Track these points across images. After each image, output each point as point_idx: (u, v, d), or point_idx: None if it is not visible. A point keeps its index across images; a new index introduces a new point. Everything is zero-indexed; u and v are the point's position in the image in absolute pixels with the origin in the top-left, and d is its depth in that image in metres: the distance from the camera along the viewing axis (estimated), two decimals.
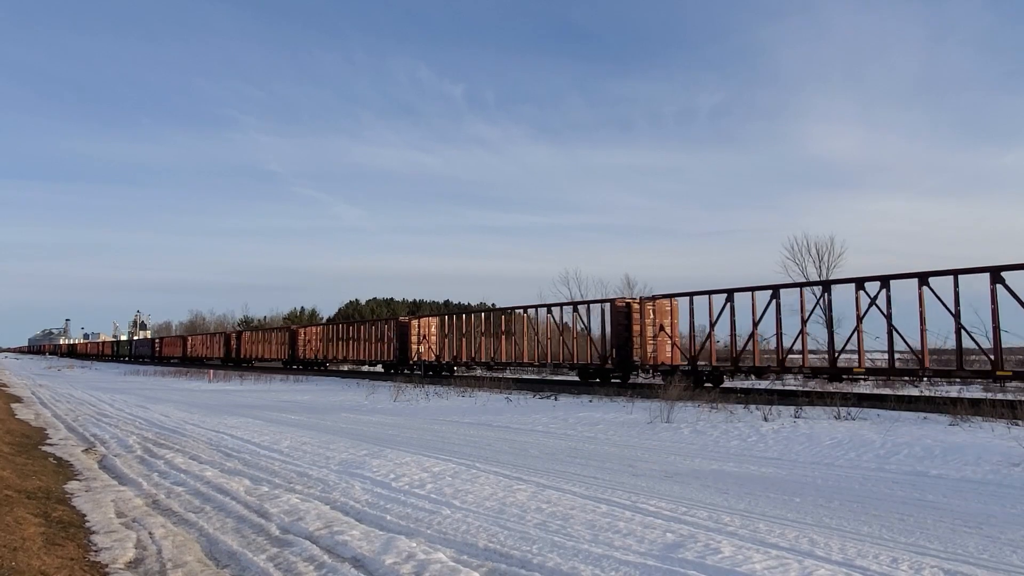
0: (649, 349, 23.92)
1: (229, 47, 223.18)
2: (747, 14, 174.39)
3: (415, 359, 35.16)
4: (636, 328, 24.58)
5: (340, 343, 42.66)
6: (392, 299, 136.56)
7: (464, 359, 32.34)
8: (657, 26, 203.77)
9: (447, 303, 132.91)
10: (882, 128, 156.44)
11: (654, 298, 24.36)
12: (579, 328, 27.52)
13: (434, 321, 36.48)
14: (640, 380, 25.11)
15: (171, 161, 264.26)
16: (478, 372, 32.03)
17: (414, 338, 35.70)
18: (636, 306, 24.83)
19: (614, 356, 24.84)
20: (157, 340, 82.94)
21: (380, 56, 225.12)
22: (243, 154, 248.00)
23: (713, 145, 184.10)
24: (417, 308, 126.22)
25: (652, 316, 24.11)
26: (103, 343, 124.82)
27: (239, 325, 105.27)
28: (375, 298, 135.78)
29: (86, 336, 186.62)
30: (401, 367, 35.83)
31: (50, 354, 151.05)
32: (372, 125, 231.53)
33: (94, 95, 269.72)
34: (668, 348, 23.92)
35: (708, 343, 22.61)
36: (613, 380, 25.21)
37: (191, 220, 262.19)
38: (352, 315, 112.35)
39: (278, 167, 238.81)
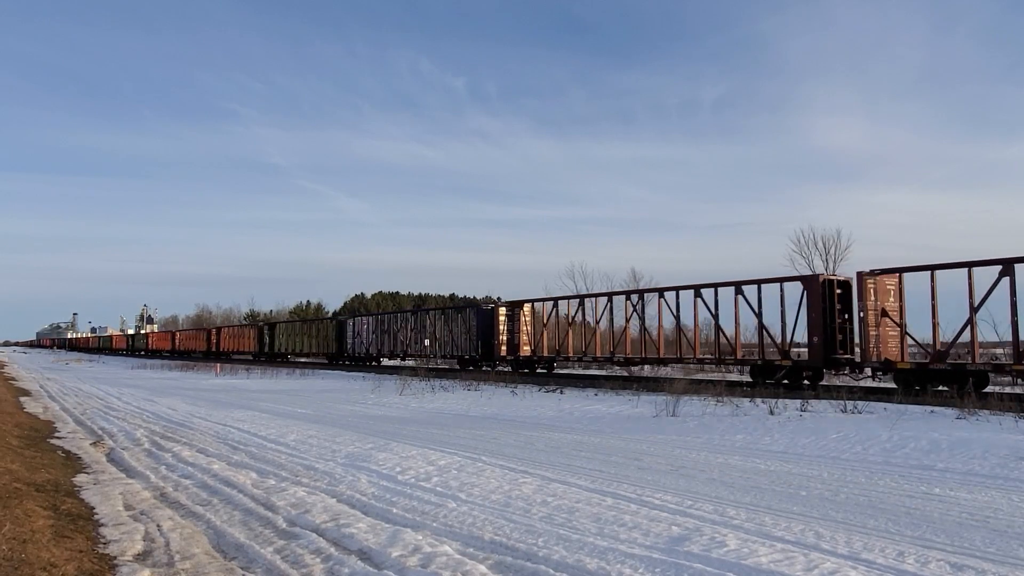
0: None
1: (230, 40, 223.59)
2: (749, 5, 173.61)
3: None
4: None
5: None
6: (398, 292, 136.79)
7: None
8: (658, 17, 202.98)
9: (452, 297, 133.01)
10: (886, 120, 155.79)
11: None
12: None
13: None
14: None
15: (173, 154, 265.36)
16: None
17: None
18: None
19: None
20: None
21: (381, 48, 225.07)
22: (245, 147, 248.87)
23: (717, 137, 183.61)
24: (422, 302, 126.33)
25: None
26: (223, 329, 65.84)
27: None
28: (380, 292, 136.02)
29: (93, 330, 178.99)
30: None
31: (121, 352, 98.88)
32: (374, 118, 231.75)
33: (96, 88, 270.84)
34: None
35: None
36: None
37: (194, 213, 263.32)
38: (358, 309, 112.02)
39: (280, 160, 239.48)
